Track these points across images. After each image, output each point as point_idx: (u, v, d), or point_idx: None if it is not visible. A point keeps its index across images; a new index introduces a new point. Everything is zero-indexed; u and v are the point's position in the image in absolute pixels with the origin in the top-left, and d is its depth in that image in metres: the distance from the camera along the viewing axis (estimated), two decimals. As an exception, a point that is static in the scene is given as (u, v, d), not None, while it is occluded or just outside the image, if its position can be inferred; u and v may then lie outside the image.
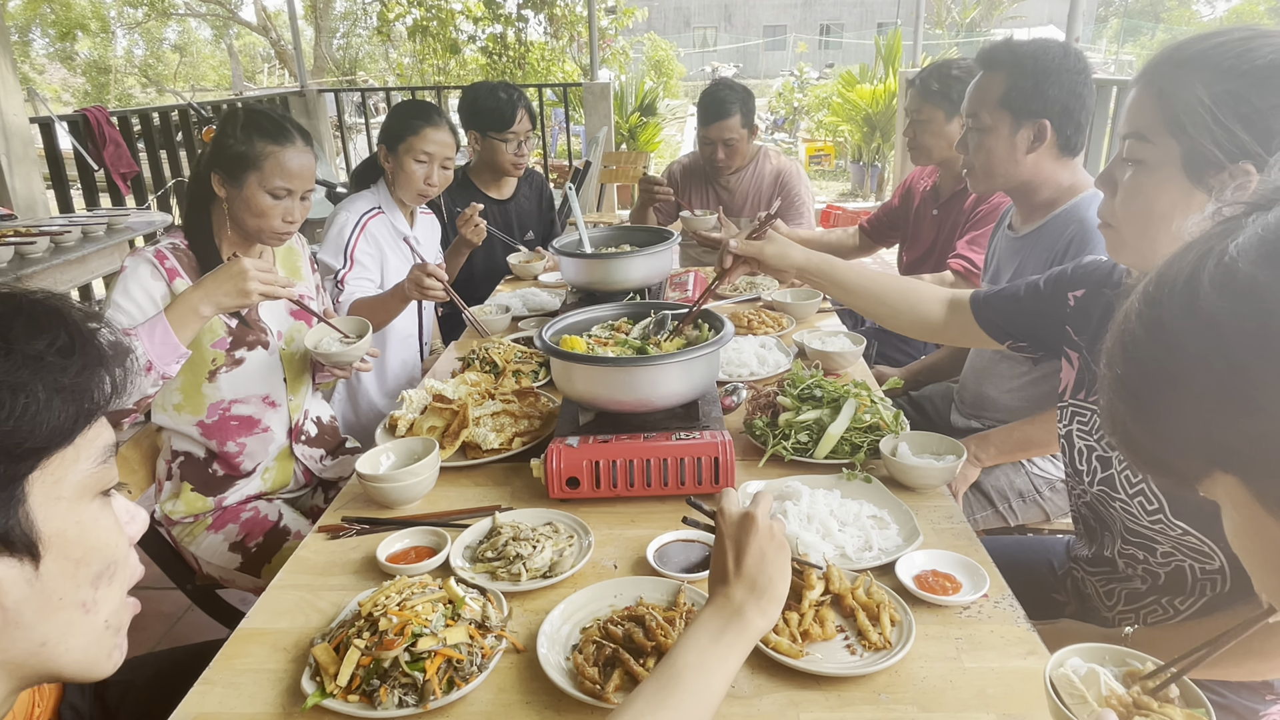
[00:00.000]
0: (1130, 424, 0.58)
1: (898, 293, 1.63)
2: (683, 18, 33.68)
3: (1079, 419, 1.34)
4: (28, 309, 0.60)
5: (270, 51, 23.92)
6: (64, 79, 25.19)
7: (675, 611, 1.12)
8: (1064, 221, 1.82)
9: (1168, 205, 1.09)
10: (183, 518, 1.88)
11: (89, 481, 0.63)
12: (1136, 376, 0.56)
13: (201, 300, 1.58)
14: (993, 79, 1.83)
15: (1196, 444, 0.54)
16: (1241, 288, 0.50)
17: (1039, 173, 1.86)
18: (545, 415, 1.79)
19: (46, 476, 0.59)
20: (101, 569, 0.65)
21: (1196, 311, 0.52)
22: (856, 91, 9.91)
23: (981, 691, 1.02)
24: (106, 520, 0.65)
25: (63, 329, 0.60)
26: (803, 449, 1.60)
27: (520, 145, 3.03)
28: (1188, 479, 0.57)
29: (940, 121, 2.63)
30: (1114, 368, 0.58)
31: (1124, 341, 0.57)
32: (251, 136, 1.76)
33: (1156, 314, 0.55)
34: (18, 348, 0.57)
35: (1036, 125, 1.80)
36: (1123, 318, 0.58)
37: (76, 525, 0.62)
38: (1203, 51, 1.04)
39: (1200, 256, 0.53)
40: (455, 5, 10.77)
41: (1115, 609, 1.36)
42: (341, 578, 1.32)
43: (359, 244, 2.47)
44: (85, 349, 0.61)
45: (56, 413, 0.58)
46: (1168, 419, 0.55)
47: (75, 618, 0.63)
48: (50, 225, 3.78)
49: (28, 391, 0.56)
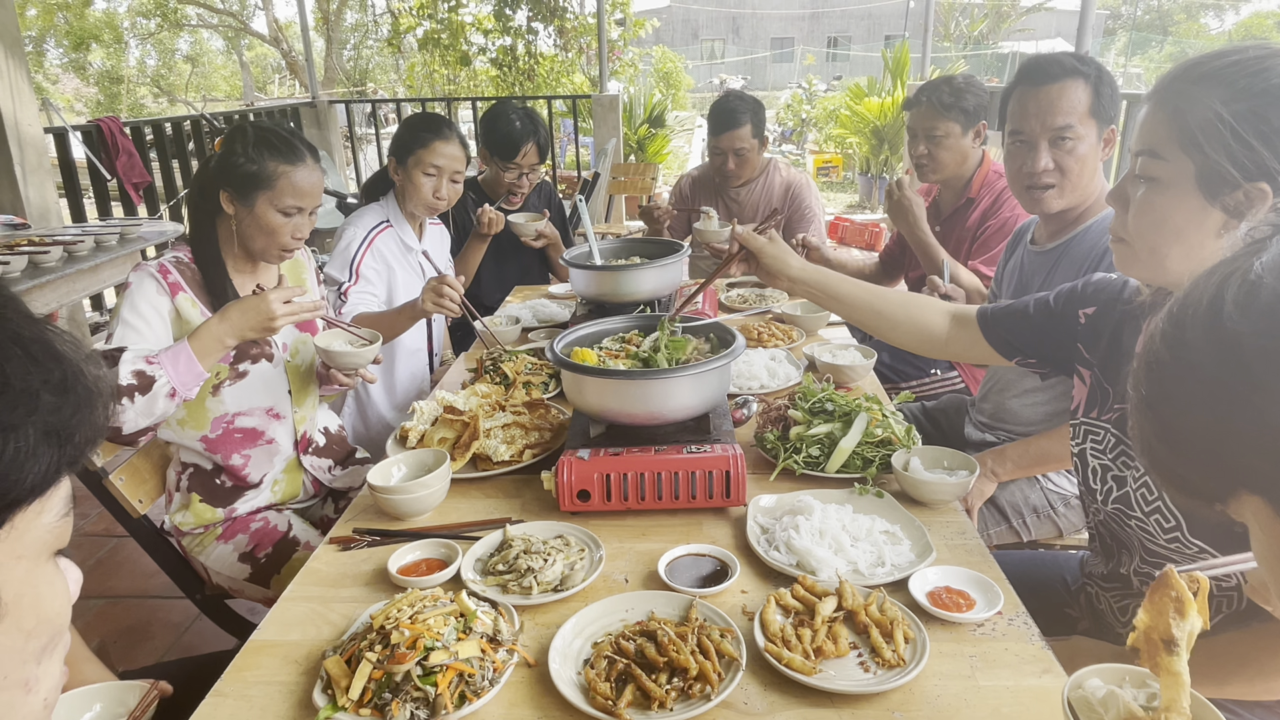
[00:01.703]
0: (1156, 444, 0.58)
1: (897, 306, 1.58)
2: (691, 30, 33.83)
3: (1092, 437, 1.33)
4: (27, 334, 0.52)
5: (281, 62, 24.11)
6: (77, 89, 25.41)
7: (687, 627, 1.12)
8: (1097, 233, 1.82)
9: (1181, 222, 1.09)
10: (192, 529, 1.88)
11: (49, 538, 0.55)
12: (1161, 397, 0.56)
13: (226, 333, 1.63)
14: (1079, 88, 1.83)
15: (1221, 464, 0.54)
16: (1264, 305, 0.50)
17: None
18: (556, 427, 1.79)
19: (13, 533, 0.51)
20: (47, 641, 0.56)
21: (1219, 330, 0.52)
22: (865, 104, 9.92)
23: (996, 710, 1.01)
24: (60, 584, 0.57)
25: (56, 364, 0.53)
26: (814, 463, 1.59)
27: (522, 176, 3.06)
28: (1214, 499, 0.56)
29: (957, 135, 2.59)
30: (1139, 388, 0.58)
31: (1149, 362, 0.57)
32: (263, 155, 1.76)
33: (1180, 334, 0.55)
34: (15, 383, 0.50)
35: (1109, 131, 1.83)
36: (1148, 338, 0.58)
37: (33, 590, 0.54)
38: (1218, 69, 1.04)
39: (1225, 276, 0.53)
40: (466, 17, 10.84)
41: (1129, 625, 1.35)
42: (353, 589, 1.32)
43: (365, 259, 2.48)
44: (77, 387, 0.54)
45: (43, 459, 0.51)
46: (1192, 439, 0.55)
47: (15, 699, 0.54)
48: (63, 234, 3.81)
49: (20, 434, 0.49)
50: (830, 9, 32.43)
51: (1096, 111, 1.80)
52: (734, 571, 1.28)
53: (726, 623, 1.14)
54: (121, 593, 2.74)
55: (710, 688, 1.03)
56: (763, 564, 1.32)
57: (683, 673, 1.04)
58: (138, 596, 2.72)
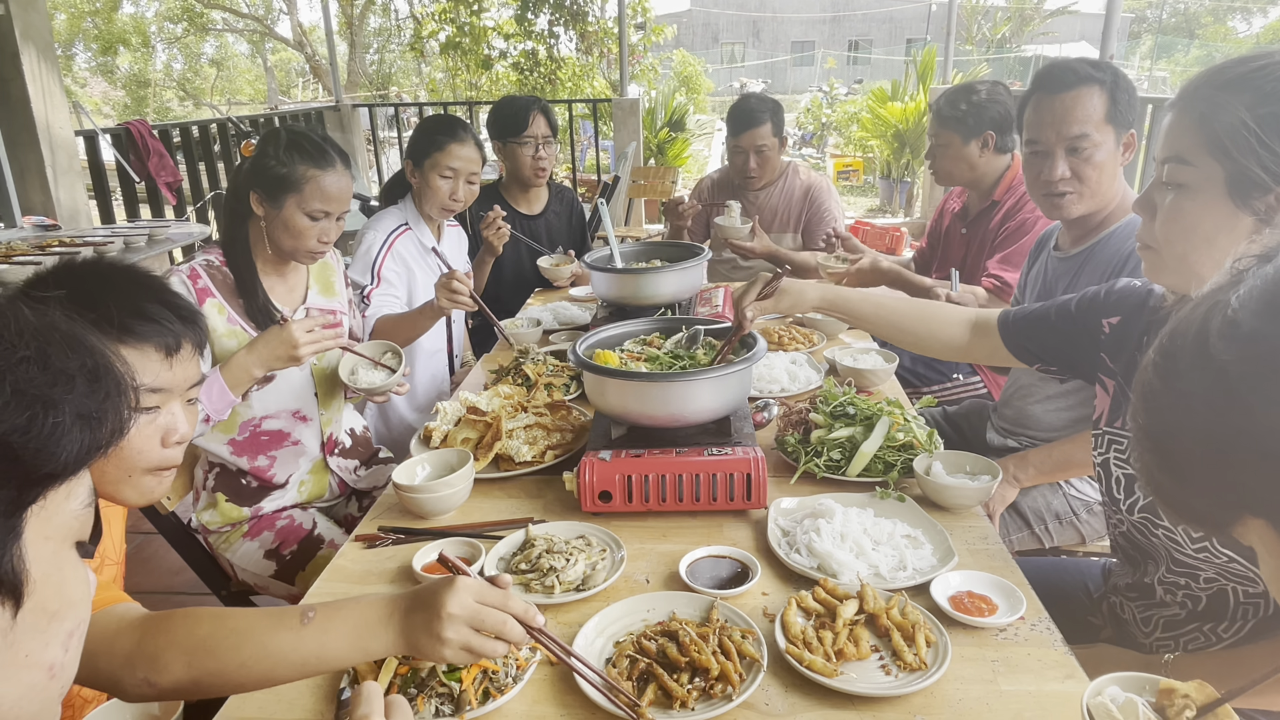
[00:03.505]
0: (1157, 473, 0.59)
1: (916, 319, 1.63)
2: (711, 33, 33.83)
3: (1116, 447, 1.32)
4: (63, 326, 0.56)
5: (305, 66, 24.36)
6: (105, 92, 25.81)
7: (709, 627, 1.12)
8: (1122, 238, 1.81)
9: (1211, 228, 1.08)
10: (219, 527, 1.91)
11: (74, 524, 0.57)
12: (1158, 426, 0.58)
13: (254, 364, 1.71)
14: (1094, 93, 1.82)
15: (1222, 490, 0.55)
16: (1244, 337, 0.52)
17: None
18: (577, 429, 1.81)
19: (43, 511, 0.53)
20: (73, 627, 0.57)
21: (1207, 361, 0.54)
22: (888, 108, 9.89)
23: (1018, 715, 1.01)
24: (82, 572, 0.59)
25: (89, 353, 0.56)
26: (835, 466, 1.59)
27: (538, 148, 3.04)
28: (1221, 525, 0.57)
29: (957, 145, 2.63)
30: (1137, 418, 0.60)
31: (1143, 392, 0.60)
32: (294, 159, 1.79)
33: (1171, 364, 0.57)
34: (55, 363, 0.53)
35: (1128, 135, 1.82)
36: (1141, 369, 0.60)
37: (59, 572, 0.55)
38: (1245, 75, 1.03)
39: (1209, 309, 0.55)
40: (488, 22, 10.91)
41: (1153, 635, 1.34)
42: (378, 586, 1.34)
43: (386, 262, 2.51)
44: (107, 376, 0.57)
45: (76, 440, 0.53)
46: (1193, 467, 0.56)
47: (38, 681, 0.55)
48: (93, 236, 3.87)
49: (58, 411, 0.51)
50: (851, 12, 32.32)
51: (1113, 117, 1.79)
52: (755, 574, 1.28)
53: (748, 624, 1.15)
54: (148, 589, 2.78)
55: (731, 688, 1.03)
56: (783, 567, 1.32)
57: (704, 673, 1.05)
58: (164, 592, 2.76)
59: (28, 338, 0.52)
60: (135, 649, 0.95)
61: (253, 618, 0.98)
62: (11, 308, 0.53)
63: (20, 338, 0.52)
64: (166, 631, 0.96)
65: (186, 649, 0.94)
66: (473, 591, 0.95)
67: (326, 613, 0.96)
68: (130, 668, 0.94)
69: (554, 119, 3.10)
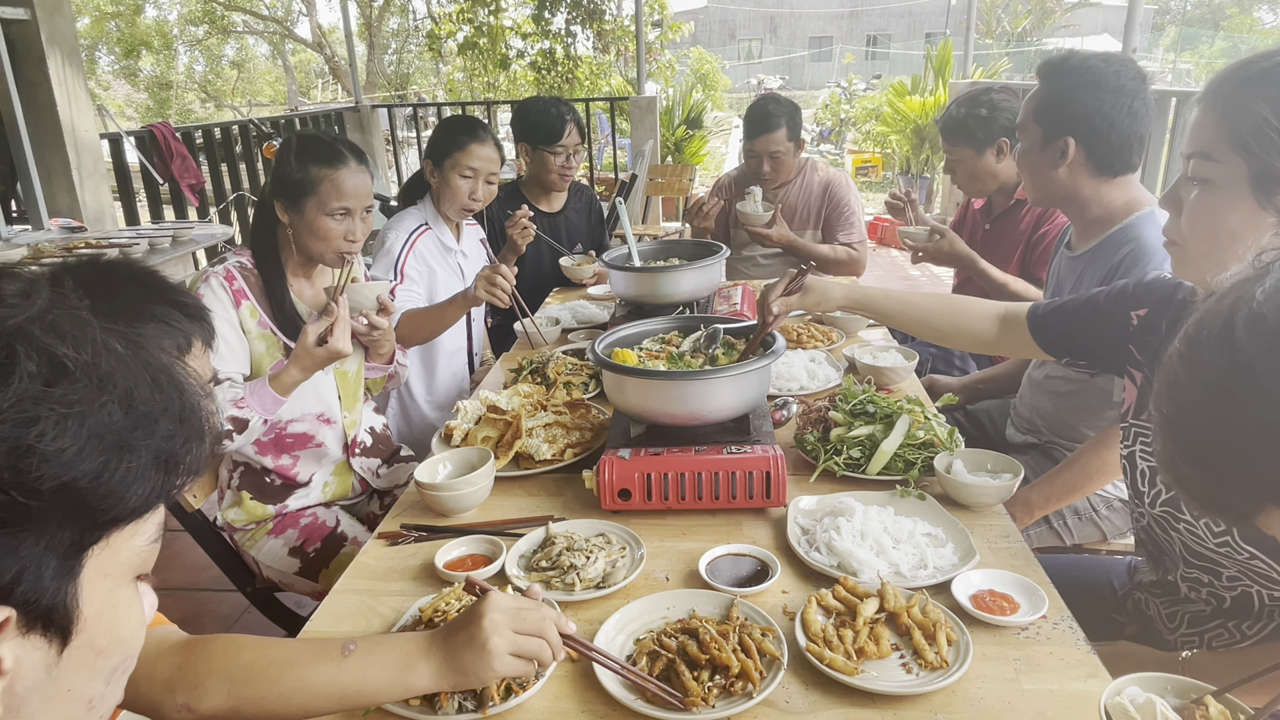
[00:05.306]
0: (1180, 463, 0.59)
1: (943, 315, 1.64)
2: (728, 30, 33.74)
3: (1142, 439, 1.32)
4: (156, 366, 0.55)
5: (324, 67, 24.56)
6: (127, 94, 26.15)
7: (729, 625, 1.13)
8: (1119, 240, 1.79)
9: (1236, 224, 1.07)
10: (244, 524, 1.94)
11: (136, 561, 0.56)
12: (1181, 416, 0.58)
13: (300, 374, 1.78)
14: (1036, 91, 1.83)
15: (1245, 480, 0.55)
16: (1269, 331, 0.53)
17: (1078, 190, 1.82)
18: (596, 427, 1.81)
19: (106, 550, 0.52)
20: (119, 662, 0.57)
21: (1233, 353, 0.54)
22: (906, 103, 9.82)
23: (1040, 714, 1.01)
24: (137, 608, 0.58)
25: (178, 394, 0.55)
26: (855, 465, 1.59)
27: (569, 158, 3.07)
28: (1244, 515, 0.57)
29: (971, 159, 2.64)
30: (1160, 408, 0.60)
31: (1168, 383, 0.60)
32: (306, 163, 1.83)
33: (1197, 355, 0.57)
34: (140, 406, 0.52)
35: (1061, 142, 1.78)
36: (1166, 359, 0.60)
37: (112, 609, 0.55)
38: (1267, 70, 1.02)
39: (1235, 301, 0.55)
40: (505, 22, 10.94)
41: (1178, 632, 1.33)
42: (401, 583, 1.35)
43: (409, 260, 2.53)
44: (193, 419, 0.56)
45: (148, 483, 0.52)
46: (1215, 458, 0.56)
47: (77, 713, 0.55)
48: (119, 237, 3.93)
49: (135, 455, 0.51)
50: (869, 7, 32.13)
51: (1040, 117, 1.81)
52: (774, 572, 1.28)
53: (768, 622, 1.15)
54: (174, 585, 2.82)
55: (752, 686, 1.04)
56: (803, 565, 1.32)
57: (724, 670, 1.06)
58: (189, 589, 2.80)
59: (118, 377, 0.51)
60: (176, 674, 0.95)
61: (294, 648, 0.99)
62: (101, 340, 0.52)
63: (109, 378, 0.51)
64: (208, 658, 0.96)
65: (228, 676, 0.95)
66: (507, 599, 0.97)
67: (367, 646, 0.97)
68: (170, 693, 0.94)
69: (583, 126, 3.11)
